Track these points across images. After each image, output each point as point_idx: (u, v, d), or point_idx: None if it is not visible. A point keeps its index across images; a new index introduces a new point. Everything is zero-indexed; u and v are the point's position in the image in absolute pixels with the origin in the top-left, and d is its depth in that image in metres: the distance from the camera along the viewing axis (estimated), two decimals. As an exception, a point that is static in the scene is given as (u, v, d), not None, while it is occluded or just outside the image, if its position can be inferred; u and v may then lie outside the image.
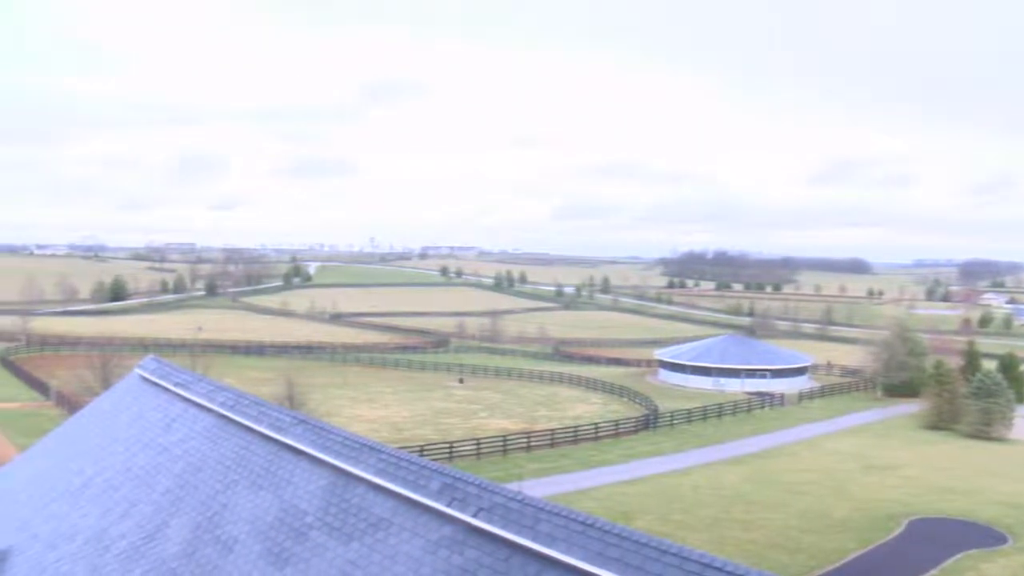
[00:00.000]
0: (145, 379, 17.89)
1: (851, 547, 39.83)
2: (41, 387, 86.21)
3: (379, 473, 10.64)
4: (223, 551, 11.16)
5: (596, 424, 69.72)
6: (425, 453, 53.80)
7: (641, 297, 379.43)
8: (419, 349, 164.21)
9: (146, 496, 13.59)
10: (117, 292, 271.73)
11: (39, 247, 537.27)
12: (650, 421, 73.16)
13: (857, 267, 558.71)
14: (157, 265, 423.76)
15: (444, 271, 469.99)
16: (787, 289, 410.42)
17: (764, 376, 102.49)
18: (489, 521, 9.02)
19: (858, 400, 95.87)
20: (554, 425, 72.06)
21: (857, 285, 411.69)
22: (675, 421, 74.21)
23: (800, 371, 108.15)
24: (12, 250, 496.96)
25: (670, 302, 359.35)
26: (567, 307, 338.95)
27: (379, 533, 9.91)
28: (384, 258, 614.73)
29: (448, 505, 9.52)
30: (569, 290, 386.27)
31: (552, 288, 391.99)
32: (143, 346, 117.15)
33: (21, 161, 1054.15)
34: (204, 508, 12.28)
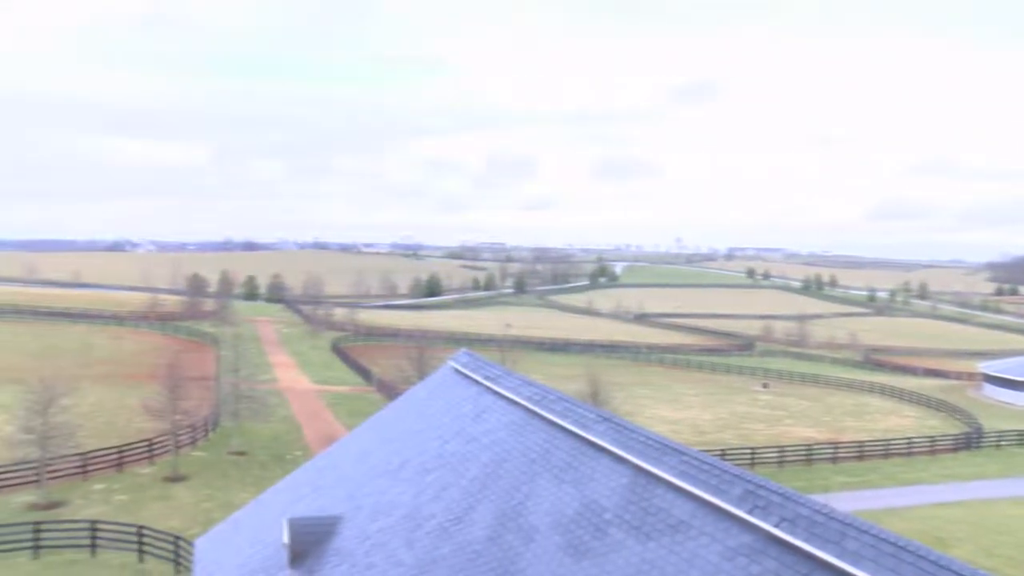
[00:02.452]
0: (457, 371, 18.83)
1: None
2: (365, 373, 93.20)
3: (680, 475, 10.57)
4: (524, 540, 11.53)
5: (910, 439, 65.45)
6: (726, 458, 52.89)
7: (964, 304, 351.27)
8: (723, 352, 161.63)
9: (455, 481, 14.31)
10: (433, 288, 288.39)
11: (366, 246, 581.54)
12: (972, 440, 67.54)
13: None
14: (470, 263, 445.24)
15: (750, 273, 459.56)
16: None
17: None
18: (791, 532, 8.70)
19: None
20: (863, 437, 68.49)
21: None
22: (1003, 442, 68.04)
23: None
24: (344, 248, 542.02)
25: (998, 310, 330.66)
26: (880, 313, 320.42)
27: (677, 535, 9.84)
28: (690, 259, 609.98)
29: (749, 512, 9.29)
30: (882, 295, 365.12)
31: (864, 292, 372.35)
32: (455, 340, 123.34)
33: (354, 169, 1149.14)
34: (508, 497, 12.75)
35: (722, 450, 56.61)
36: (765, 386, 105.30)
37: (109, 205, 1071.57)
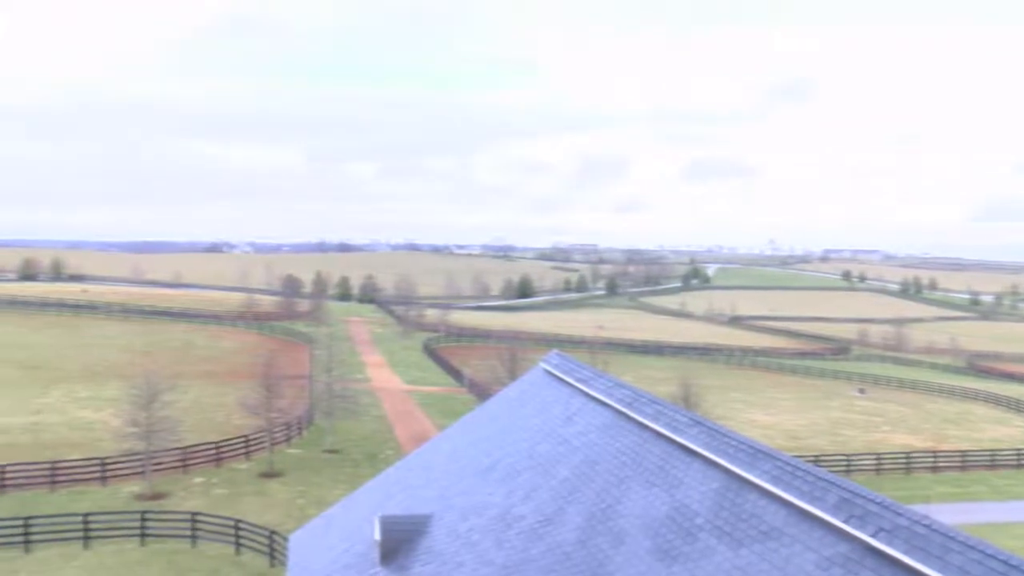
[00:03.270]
0: (549, 372, 18.84)
1: None
2: (456, 374, 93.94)
3: (773, 481, 10.39)
4: (614, 542, 11.49)
5: (1019, 451, 63.03)
6: (821, 464, 51.80)
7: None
8: (818, 356, 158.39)
9: (546, 482, 14.33)
10: (524, 289, 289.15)
11: (458, 247, 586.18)
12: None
13: None
14: (561, 265, 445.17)
15: (846, 275, 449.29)
16: None
17: None
18: (890, 543, 8.47)
19: None
20: (966, 446, 66.30)
21: None
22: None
23: None
24: (436, 250, 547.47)
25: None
26: (984, 317, 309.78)
27: (770, 542, 9.67)
28: (784, 261, 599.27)
29: (845, 521, 9.07)
30: (987, 299, 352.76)
31: (966, 296, 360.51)
32: (546, 341, 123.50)
33: (446, 171, 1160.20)
34: (598, 500, 12.71)
35: (816, 456, 55.48)
36: (861, 391, 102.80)
37: (209, 208, 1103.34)
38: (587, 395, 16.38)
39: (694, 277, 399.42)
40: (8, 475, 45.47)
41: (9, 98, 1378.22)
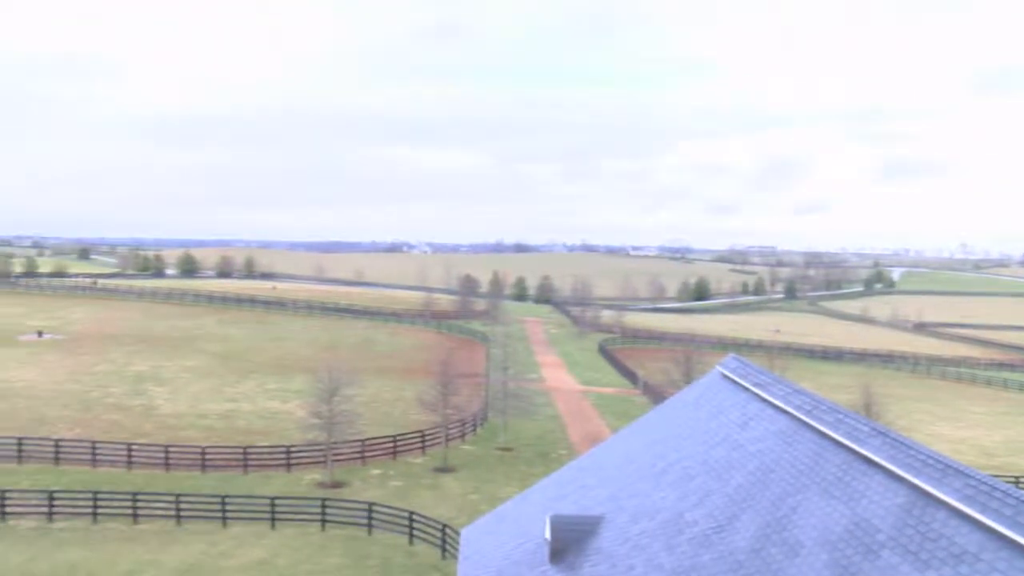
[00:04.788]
0: (725, 376, 18.46)
1: None
2: (631, 376, 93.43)
3: (966, 500, 9.77)
4: (789, 553, 11.10)
5: None
6: (1021, 485, 48.67)
7: None
8: (1017, 367, 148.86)
9: (719, 488, 14.02)
10: (700, 292, 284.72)
11: (634, 249, 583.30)
12: None
13: None
14: (739, 267, 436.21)
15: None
16: None
17: None
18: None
19: None
20: None
21: None
22: None
23: None
24: (611, 251, 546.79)
25: None
26: None
27: (962, 567, 9.07)
28: (977, 265, 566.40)
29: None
30: None
31: None
32: (722, 345, 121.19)
33: (625, 172, 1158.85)
34: (773, 508, 12.32)
35: (1016, 477, 52.17)
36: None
37: (390, 210, 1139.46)
38: (764, 400, 15.95)
39: (878, 281, 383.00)
40: (208, 456, 49.06)
41: (217, 108, 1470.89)
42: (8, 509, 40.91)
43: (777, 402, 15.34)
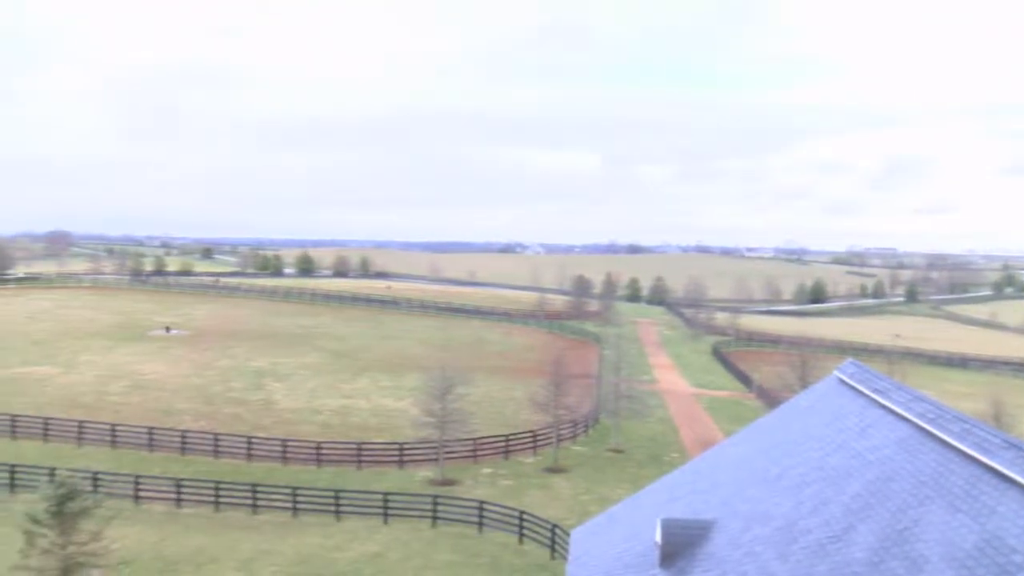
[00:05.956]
0: (842, 382, 17.95)
1: None
2: (744, 379, 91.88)
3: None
4: (912, 569, 10.68)
5: None
6: None
7: None
8: None
9: (835, 496, 13.62)
10: (817, 294, 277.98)
11: (749, 250, 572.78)
12: None
13: None
14: (857, 269, 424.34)
15: None
16: None
17: None
18: None
19: None
20: None
21: None
22: None
23: None
24: (726, 252, 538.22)
25: None
26: None
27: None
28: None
29: None
30: None
31: None
32: (839, 349, 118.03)
33: (739, 172, 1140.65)
34: (893, 520, 11.89)
35: None
36: None
37: (504, 211, 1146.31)
38: (883, 407, 15.44)
39: (1009, 284, 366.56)
40: (324, 451, 50.32)
41: (336, 110, 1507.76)
42: (142, 493, 43.08)
43: (898, 409, 14.82)
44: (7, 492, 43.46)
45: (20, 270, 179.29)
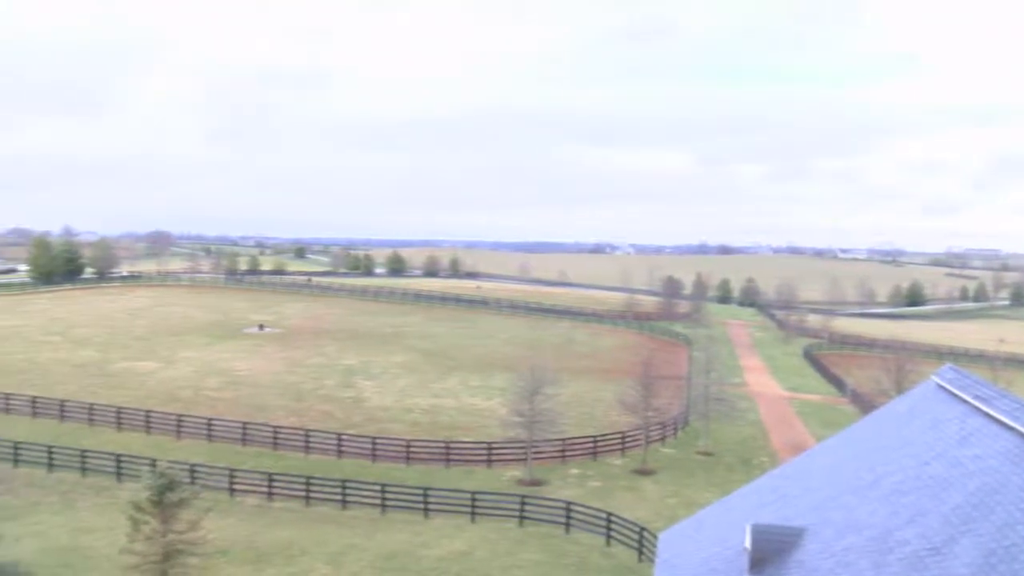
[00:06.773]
0: (942, 387, 17.39)
1: None
2: (837, 383, 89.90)
3: None
4: (1018, 584, 10.26)
5: None
6: None
7: None
8: None
9: (934, 507, 13.17)
10: (914, 297, 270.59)
11: (842, 251, 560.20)
12: None
13: None
14: (957, 271, 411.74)
15: None
16: None
17: None
18: None
19: None
20: None
21: None
22: None
23: None
24: (818, 253, 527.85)
25: None
26: None
27: None
28: None
29: None
30: None
31: None
32: (937, 353, 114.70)
33: (834, 171, 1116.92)
34: (999, 535, 11.43)
35: None
36: None
37: (594, 211, 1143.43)
38: (986, 415, 14.88)
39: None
40: (413, 449, 50.88)
41: (427, 111, 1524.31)
42: (236, 486, 44.18)
43: (1002, 418, 14.26)
44: (114, 479, 45.22)
45: (124, 269, 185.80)
